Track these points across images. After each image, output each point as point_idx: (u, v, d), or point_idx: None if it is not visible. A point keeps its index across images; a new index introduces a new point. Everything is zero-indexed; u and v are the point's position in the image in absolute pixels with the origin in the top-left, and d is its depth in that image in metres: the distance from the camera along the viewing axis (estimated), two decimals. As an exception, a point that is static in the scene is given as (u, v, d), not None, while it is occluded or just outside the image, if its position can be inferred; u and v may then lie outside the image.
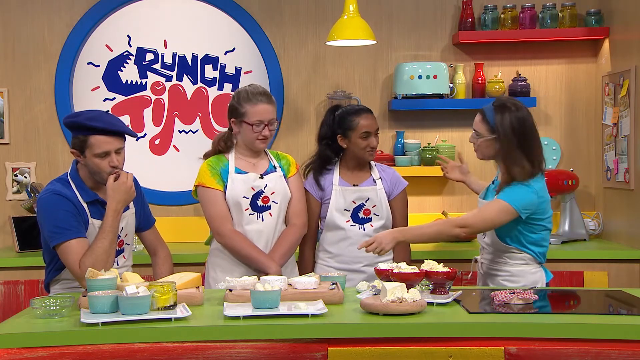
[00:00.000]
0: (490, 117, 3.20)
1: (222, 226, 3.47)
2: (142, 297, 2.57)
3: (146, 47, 4.81)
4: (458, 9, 4.80)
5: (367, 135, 3.57)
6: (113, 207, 3.10)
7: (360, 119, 3.58)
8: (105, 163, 3.13)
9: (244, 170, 3.52)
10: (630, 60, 4.32)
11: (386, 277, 2.83)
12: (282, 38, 4.83)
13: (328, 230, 3.65)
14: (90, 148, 3.11)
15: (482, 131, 3.23)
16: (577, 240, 4.56)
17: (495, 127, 3.18)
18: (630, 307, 2.84)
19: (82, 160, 3.16)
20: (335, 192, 3.61)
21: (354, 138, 3.58)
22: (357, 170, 3.67)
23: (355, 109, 3.65)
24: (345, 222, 3.61)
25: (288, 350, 2.52)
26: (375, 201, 3.62)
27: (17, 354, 2.46)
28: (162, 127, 4.85)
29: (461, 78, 4.73)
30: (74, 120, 3.15)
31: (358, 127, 3.57)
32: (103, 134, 3.11)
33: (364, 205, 3.61)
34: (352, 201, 3.61)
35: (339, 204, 3.61)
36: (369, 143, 3.57)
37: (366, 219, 3.61)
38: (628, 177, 4.33)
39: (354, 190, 3.61)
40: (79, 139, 3.13)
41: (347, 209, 3.61)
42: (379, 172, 3.69)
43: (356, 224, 3.61)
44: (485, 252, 3.38)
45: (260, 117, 3.45)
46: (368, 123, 3.58)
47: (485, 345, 2.53)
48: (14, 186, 4.77)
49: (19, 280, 4.18)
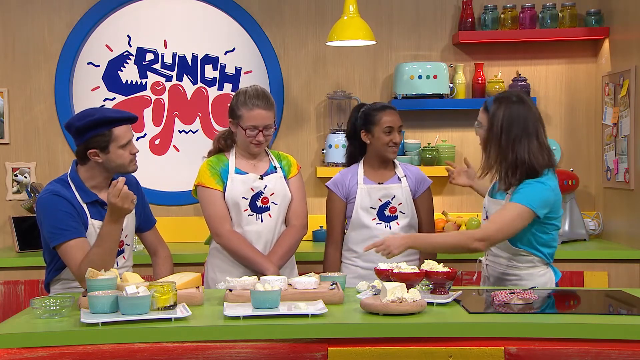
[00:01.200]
0: (489, 107, 3.19)
1: (221, 226, 3.46)
2: (142, 297, 2.57)
3: (146, 47, 4.81)
4: (458, 9, 4.80)
5: (390, 130, 3.58)
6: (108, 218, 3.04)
7: (383, 115, 3.61)
8: (127, 153, 3.16)
9: (244, 170, 3.52)
10: (630, 60, 4.32)
11: (386, 277, 2.83)
12: (282, 38, 4.83)
13: (353, 229, 3.65)
14: (116, 140, 3.12)
15: (483, 121, 3.21)
16: (577, 240, 4.56)
17: (491, 117, 3.15)
18: (630, 307, 2.84)
19: (102, 158, 3.13)
20: (361, 190, 3.62)
21: (377, 133, 3.59)
22: (382, 169, 3.67)
23: (379, 105, 3.71)
24: (371, 220, 3.61)
25: (288, 350, 2.52)
26: (401, 199, 3.62)
27: (17, 354, 2.46)
28: (162, 127, 4.85)
29: (461, 78, 4.73)
30: (94, 119, 3.10)
31: (381, 122, 3.59)
32: (124, 123, 3.14)
33: (390, 203, 3.61)
34: (378, 199, 3.61)
35: (364, 203, 3.61)
36: (392, 138, 3.59)
37: (392, 217, 3.62)
38: (628, 177, 4.33)
39: (379, 188, 3.61)
40: (103, 136, 3.10)
41: (373, 207, 3.61)
42: (403, 171, 3.69)
43: (382, 222, 3.61)
44: (490, 255, 3.30)
45: (255, 122, 3.43)
46: (391, 119, 3.60)
47: (485, 345, 2.53)
48: (14, 186, 4.77)
49: (19, 280, 4.18)
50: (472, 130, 3.35)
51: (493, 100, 3.19)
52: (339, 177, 3.71)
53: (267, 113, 3.46)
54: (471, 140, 4.83)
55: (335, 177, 3.72)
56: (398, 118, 3.64)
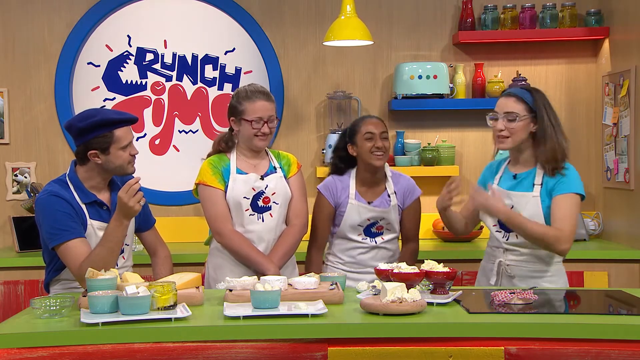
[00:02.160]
0: (526, 98, 3.19)
1: (223, 226, 3.46)
2: (142, 297, 2.57)
3: (146, 47, 4.81)
4: (458, 9, 4.80)
5: (371, 136, 3.56)
6: (114, 217, 3.05)
7: (362, 123, 3.61)
8: (127, 154, 3.15)
9: (244, 171, 3.52)
10: (630, 60, 4.32)
11: (386, 277, 2.83)
12: (282, 38, 4.83)
13: (339, 237, 3.66)
14: (117, 142, 3.11)
15: (521, 111, 3.18)
16: (577, 240, 4.55)
17: (535, 105, 3.17)
18: (630, 307, 2.84)
19: (102, 159, 3.13)
20: (351, 206, 3.60)
21: (359, 141, 3.58)
22: (373, 184, 3.64)
23: (361, 116, 3.74)
24: (357, 236, 3.62)
25: (288, 350, 2.52)
26: (389, 219, 3.62)
27: (17, 354, 2.46)
28: (162, 127, 4.85)
29: (461, 78, 4.73)
30: (96, 120, 3.10)
31: (361, 130, 3.58)
32: (125, 124, 3.14)
33: (377, 223, 3.61)
34: (367, 219, 3.60)
35: (353, 220, 3.60)
36: (374, 144, 3.55)
37: (378, 233, 3.63)
38: (628, 177, 4.33)
39: (369, 209, 3.59)
40: (104, 137, 3.10)
41: (360, 225, 3.61)
42: (393, 184, 3.66)
43: (367, 237, 3.63)
44: (513, 254, 3.24)
45: (259, 114, 3.45)
46: (371, 126, 3.58)
47: (486, 345, 2.53)
48: (14, 186, 4.77)
49: (19, 280, 4.18)
50: (472, 130, 3.34)
51: (527, 91, 3.22)
52: (331, 182, 3.67)
53: (270, 104, 3.48)
54: (471, 140, 4.83)
55: (327, 182, 3.68)
56: (380, 125, 3.60)
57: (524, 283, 3.20)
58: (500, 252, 3.28)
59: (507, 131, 3.20)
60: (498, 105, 3.24)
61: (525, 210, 3.17)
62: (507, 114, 3.19)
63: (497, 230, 3.27)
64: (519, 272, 3.24)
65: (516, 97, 3.20)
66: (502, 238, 3.26)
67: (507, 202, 3.21)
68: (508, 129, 3.19)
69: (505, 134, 3.20)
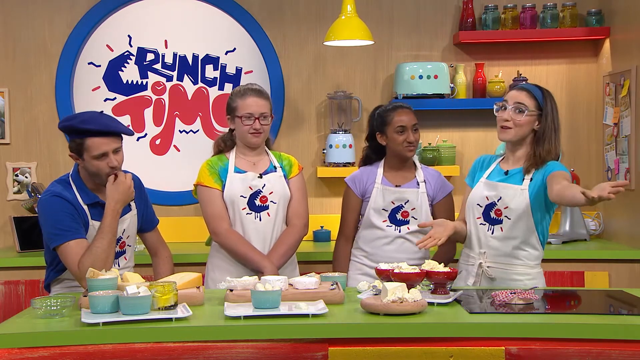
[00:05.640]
0: (537, 95, 3.22)
1: (219, 225, 3.47)
2: (142, 297, 2.57)
3: (147, 47, 4.81)
4: (459, 9, 4.80)
5: (403, 129, 3.55)
6: (112, 207, 3.10)
7: (394, 114, 3.57)
8: (104, 164, 3.12)
9: (243, 169, 3.52)
10: (630, 60, 4.32)
11: (387, 277, 2.83)
12: (282, 38, 4.83)
13: (365, 228, 3.64)
14: (88, 150, 3.10)
15: (530, 106, 3.20)
16: (578, 240, 4.56)
17: (544, 104, 3.20)
18: (631, 307, 2.84)
19: (81, 162, 3.16)
20: (376, 190, 3.59)
21: (390, 133, 3.56)
22: (401, 170, 3.63)
23: (391, 105, 3.67)
24: (381, 222, 3.59)
25: (289, 350, 2.52)
26: (414, 204, 3.58)
27: (18, 354, 2.46)
28: (163, 127, 4.85)
29: (462, 78, 4.73)
30: (68, 124, 3.14)
31: (393, 122, 3.55)
32: (98, 135, 3.10)
33: (402, 207, 3.58)
34: (391, 201, 3.58)
35: (377, 203, 3.59)
36: (406, 138, 3.55)
37: (404, 221, 3.59)
38: (629, 177, 4.33)
39: (394, 190, 3.58)
40: (75, 142, 3.12)
41: (385, 209, 3.58)
42: (423, 175, 3.64)
43: (393, 225, 3.59)
44: (492, 255, 3.25)
45: (250, 109, 3.45)
46: (403, 118, 3.56)
47: (486, 345, 2.53)
48: (14, 186, 4.77)
49: (20, 280, 4.18)
50: (472, 130, 3.34)
51: (539, 89, 3.25)
52: (358, 173, 3.69)
53: (262, 101, 3.48)
54: (472, 140, 4.83)
55: (354, 173, 3.70)
56: (412, 117, 3.59)
57: (505, 285, 3.21)
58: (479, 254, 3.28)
59: (512, 122, 3.21)
60: (509, 96, 3.26)
61: (512, 202, 3.20)
62: (518, 104, 3.21)
63: (481, 223, 3.27)
64: (498, 273, 3.25)
65: (528, 92, 3.23)
66: (487, 231, 3.26)
67: (492, 193, 3.25)
68: (514, 120, 3.21)
69: (510, 124, 3.22)
